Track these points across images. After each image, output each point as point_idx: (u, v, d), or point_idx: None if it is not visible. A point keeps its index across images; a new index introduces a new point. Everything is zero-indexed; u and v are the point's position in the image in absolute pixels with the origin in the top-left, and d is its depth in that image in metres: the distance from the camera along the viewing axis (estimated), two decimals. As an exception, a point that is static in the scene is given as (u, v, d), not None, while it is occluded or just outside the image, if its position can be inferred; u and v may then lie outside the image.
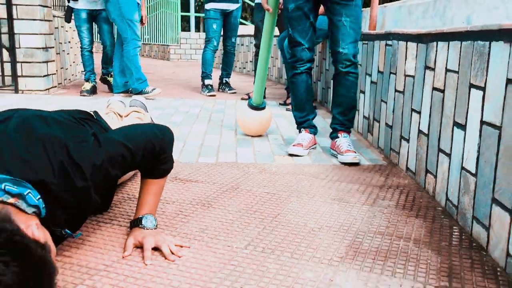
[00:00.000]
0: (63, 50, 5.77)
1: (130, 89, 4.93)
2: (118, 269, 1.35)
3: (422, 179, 2.17)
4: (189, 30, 13.67)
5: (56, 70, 5.34)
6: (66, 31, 5.98)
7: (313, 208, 1.89)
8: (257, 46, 5.16)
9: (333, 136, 2.75)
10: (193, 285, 1.28)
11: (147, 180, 1.53)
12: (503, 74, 1.44)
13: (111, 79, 5.27)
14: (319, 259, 1.45)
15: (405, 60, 2.42)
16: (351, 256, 1.48)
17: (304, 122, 2.84)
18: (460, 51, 1.78)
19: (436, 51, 2.01)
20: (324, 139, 3.14)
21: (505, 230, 1.40)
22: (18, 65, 4.83)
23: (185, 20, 16.62)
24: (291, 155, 2.71)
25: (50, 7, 5.08)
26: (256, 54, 5.17)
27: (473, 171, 1.64)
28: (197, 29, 17.39)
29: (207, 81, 5.48)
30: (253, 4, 11.11)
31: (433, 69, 2.05)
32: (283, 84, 6.35)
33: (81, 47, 5.03)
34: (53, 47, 5.15)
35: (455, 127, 1.81)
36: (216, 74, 6.03)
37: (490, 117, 1.53)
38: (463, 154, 1.73)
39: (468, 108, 1.70)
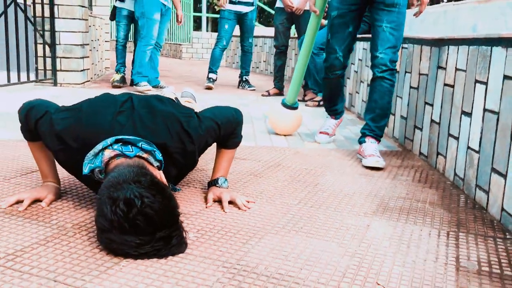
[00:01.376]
0: (94, 47, 6.20)
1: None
2: (206, 215, 1.78)
3: (433, 161, 2.60)
4: (199, 30, 14.10)
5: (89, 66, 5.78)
6: (96, 29, 6.41)
7: (345, 180, 2.32)
8: (277, 47, 5.58)
9: (361, 140, 2.75)
10: (265, 225, 1.70)
11: (222, 150, 1.95)
12: (501, 71, 1.87)
13: None
14: (357, 212, 1.88)
15: (420, 61, 2.84)
16: (381, 211, 1.91)
17: (332, 111, 3.19)
18: (468, 54, 2.21)
19: (448, 53, 2.44)
20: (344, 129, 3.57)
21: (501, 191, 1.82)
22: (58, 60, 5.26)
23: (194, 21, 17.05)
24: (318, 142, 3.13)
25: (87, 7, 5.51)
26: (276, 54, 5.62)
27: (477, 149, 2.06)
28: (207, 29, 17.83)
29: (210, 75, 6.00)
30: (262, 6, 11.54)
31: (445, 68, 2.47)
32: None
33: (116, 41, 5.54)
34: (88, 44, 5.58)
35: (462, 115, 2.24)
36: (235, 73, 6.45)
37: (491, 105, 1.95)
38: (469, 136, 2.16)
39: (473, 99, 2.13)
